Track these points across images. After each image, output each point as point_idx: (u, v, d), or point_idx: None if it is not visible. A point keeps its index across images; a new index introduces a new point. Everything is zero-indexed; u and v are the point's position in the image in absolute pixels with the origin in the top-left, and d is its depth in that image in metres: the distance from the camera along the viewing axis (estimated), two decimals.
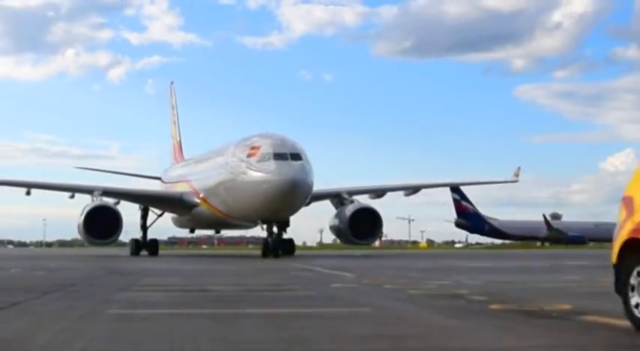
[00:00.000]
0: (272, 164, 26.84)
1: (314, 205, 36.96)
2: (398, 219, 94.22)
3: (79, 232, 32.78)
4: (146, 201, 38.24)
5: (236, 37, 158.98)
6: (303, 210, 37.32)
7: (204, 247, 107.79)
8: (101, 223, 31.54)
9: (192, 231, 44.29)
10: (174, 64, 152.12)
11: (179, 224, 41.32)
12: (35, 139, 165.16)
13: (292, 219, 33.35)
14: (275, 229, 28.66)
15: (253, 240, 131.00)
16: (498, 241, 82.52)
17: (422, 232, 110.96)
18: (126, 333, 5.20)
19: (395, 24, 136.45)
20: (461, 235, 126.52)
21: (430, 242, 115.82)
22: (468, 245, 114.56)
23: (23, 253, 47.15)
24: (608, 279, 12.08)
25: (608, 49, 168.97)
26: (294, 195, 27.29)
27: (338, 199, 34.97)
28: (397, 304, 7.49)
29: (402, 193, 40.00)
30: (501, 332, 5.10)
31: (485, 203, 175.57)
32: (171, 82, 52.40)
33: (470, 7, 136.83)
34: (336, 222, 33.60)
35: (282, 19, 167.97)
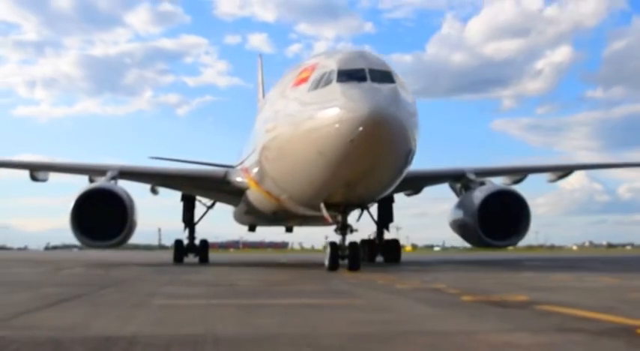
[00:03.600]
0: (335, 89, 11.55)
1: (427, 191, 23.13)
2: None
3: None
4: (179, 183, 22.70)
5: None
6: (411, 200, 23.16)
7: (231, 250, 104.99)
8: (102, 216, 18.15)
9: (251, 229, 26.68)
10: (221, 102, 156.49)
11: (238, 218, 25.30)
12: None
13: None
14: (350, 221, 13.72)
15: (272, 245, 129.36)
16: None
17: (407, 237, 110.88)
18: (169, 319, 5.25)
19: (408, 70, 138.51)
20: (438, 241, 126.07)
21: (415, 246, 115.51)
22: (444, 248, 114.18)
23: (84, 256, 47.18)
24: (559, 277, 12.05)
25: (580, 90, 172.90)
26: (384, 145, 11.13)
27: (462, 182, 20.49)
28: (386, 296, 7.52)
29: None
30: (471, 318, 5.14)
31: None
32: (260, 55, 36.44)
33: (469, 57, 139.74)
34: (460, 214, 19.17)
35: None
